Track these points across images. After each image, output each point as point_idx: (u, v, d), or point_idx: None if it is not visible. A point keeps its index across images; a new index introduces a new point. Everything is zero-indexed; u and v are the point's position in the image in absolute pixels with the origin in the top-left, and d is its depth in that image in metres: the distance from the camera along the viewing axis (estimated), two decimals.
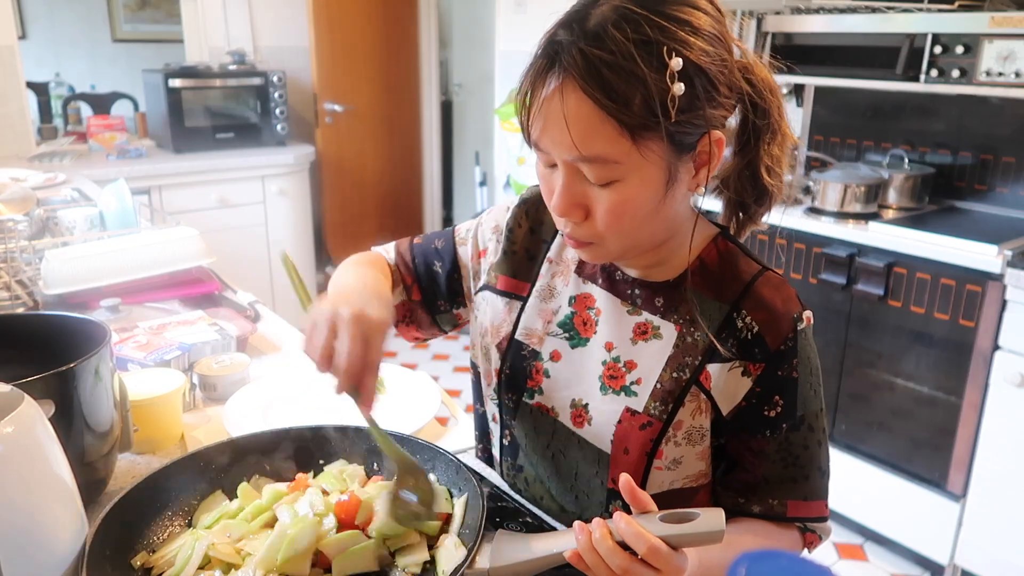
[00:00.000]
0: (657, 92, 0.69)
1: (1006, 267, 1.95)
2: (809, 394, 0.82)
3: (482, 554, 0.72)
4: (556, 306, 0.92)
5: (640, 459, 0.85)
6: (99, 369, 0.85)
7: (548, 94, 0.72)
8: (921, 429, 2.21)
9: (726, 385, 0.82)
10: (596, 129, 0.70)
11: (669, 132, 0.71)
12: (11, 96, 3.30)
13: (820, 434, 0.83)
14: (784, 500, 0.82)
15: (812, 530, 0.85)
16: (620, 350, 0.86)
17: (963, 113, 2.49)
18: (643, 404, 0.84)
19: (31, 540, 0.65)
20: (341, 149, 4.16)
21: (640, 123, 0.70)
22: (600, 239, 0.79)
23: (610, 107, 0.69)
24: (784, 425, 0.82)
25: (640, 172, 0.73)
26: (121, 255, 1.56)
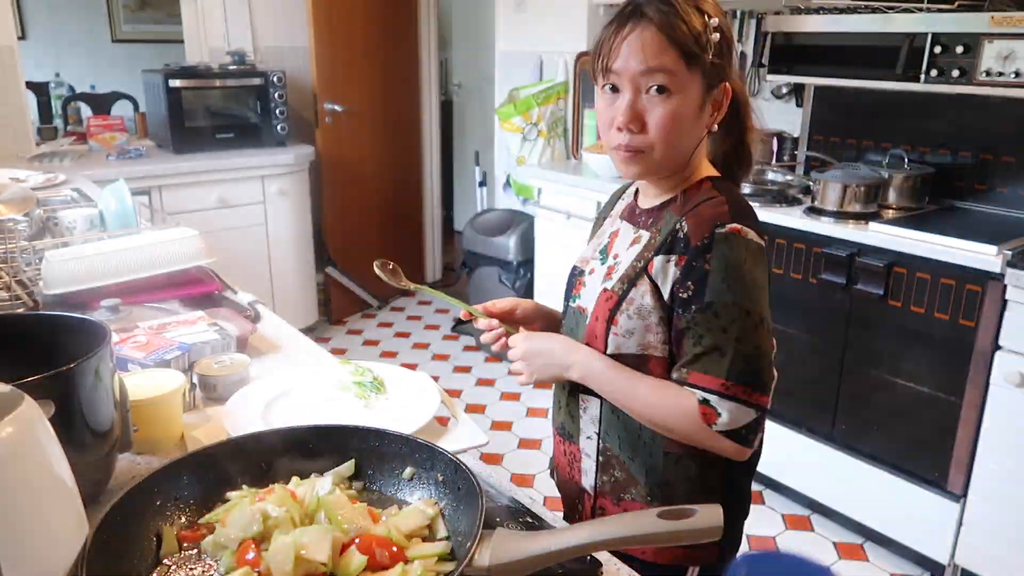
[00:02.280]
0: (702, 36, 1.00)
1: (1006, 267, 1.95)
2: (720, 286, 0.98)
3: (482, 553, 0.72)
4: (600, 240, 1.20)
5: (604, 324, 1.08)
6: (99, 369, 0.85)
7: (630, 32, 1.01)
8: (921, 429, 2.21)
9: (662, 272, 1.04)
10: (663, 50, 1.00)
11: (705, 67, 1.01)
12: (11, 96, 3.30)
13: (728, 323, 0.98)
14: (689, 370, 1.00)
15: (707, 403, 0.98)
16: (619, 254, 1.13)
17: (963, 113, 2.49)
18: (612, 284, 1.09)
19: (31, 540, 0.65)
20: (341, 149, 4.16)
21: (691, 52, 1.00)
22: (650, 147, 1.04)
23: (673, 38, 0.99)
24: (693, 306, 1.00)
25: (686, 90, 1.01)
26: (121, 255, 1.56)
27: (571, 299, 1.20)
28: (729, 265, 0.99)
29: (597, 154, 3.07)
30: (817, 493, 2.52)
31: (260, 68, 3.78)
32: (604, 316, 1.08)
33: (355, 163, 4.24)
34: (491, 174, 4.39)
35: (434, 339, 4.08)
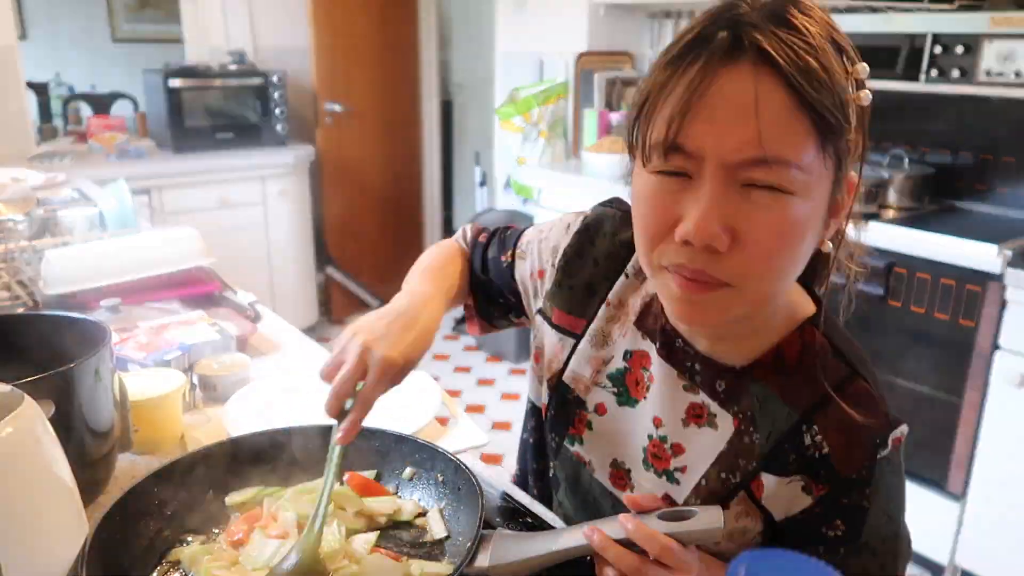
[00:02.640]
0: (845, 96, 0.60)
1: (1006, 267, 1.95)
2: (881, 521, 0.71)
3: (482, 553, 0.72)
4: (608, 355, 0.83)
5: None
6: (99, 369, 0.85)
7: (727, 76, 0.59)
8: (921, 429, 2.21)
9: (780, 496, 0.72)
10: (787, 123, 0.58)
11: (840, 150, 0.61)
12: (11, 96, 3.30)
13: (887, 559, 0.73)
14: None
15: None
16: (669, 428, 0.77)
17: (963, 113, 2.49)
18: (683, 497, 0.76)
19: (31, 540, 0.66)
20: (341, 149, 4.15)
21: (830, 127, 0.59)
22: (741, 280, 0.63)
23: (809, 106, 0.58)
24: (842, 549, 0.72)
25: (814, 190, 0.61)
26: (121, 255, 1.56)
27: (565, 439, 0.87)
28: (892, 495, 0.72)
29: (597, 154, 3.07)
30: None
31: (260, 68, 3.78)
32: None
33: (355, 163, 4.24)
34: (491, 174, 4.39)
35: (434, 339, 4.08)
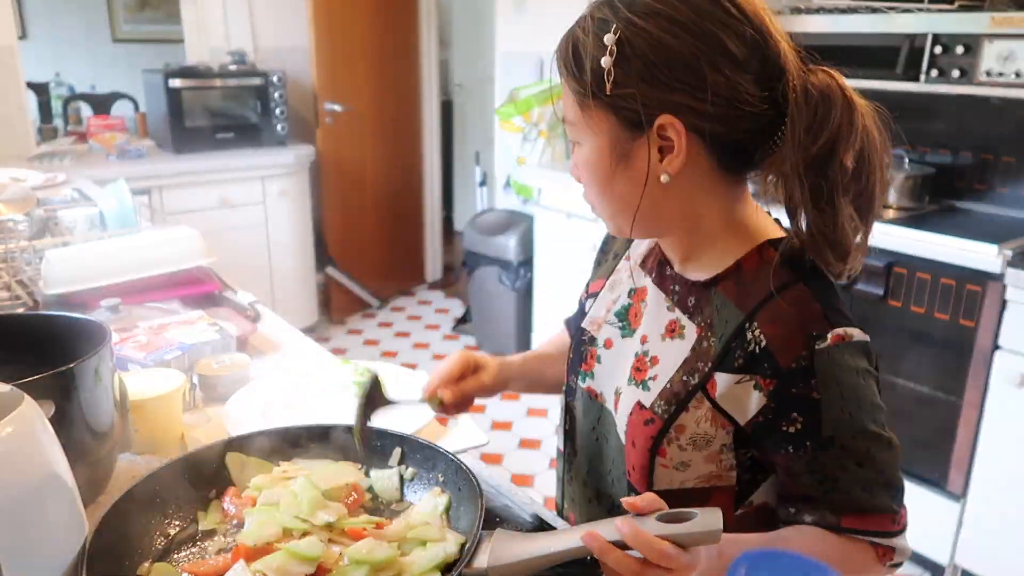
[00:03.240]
0: (591, 65, 0.79)
1: (1006, 267, 1.95)
2: (841, 416, 0.77)
3: (480, 554, 0.72)
4: (617, 295, 0.96)
5: (644, 454, 0.85)
6: (99, 369, 0.85)
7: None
8: (921, 429, 2.21)
9: (735, 397, 0.80)
10: (565, 92, 0.85)
11: (606, 102, 0.79)
12: (11, 96, 3.30)
13: (862, 455, 0.78)
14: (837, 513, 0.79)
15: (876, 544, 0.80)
16: (651, 344, 0.88)
17: (963, 113, 2.49)
18: (651, 400, 0.85)
19: (31, 540, 0.66)
20: (341, 149, 4.15)
21: (582, 90, 0.80)
22: (589, 201, 0.88)
23: (564, 75, 0.83)
24: (808, 443, 0.78)
25: (589, 135, 0.82)
26: (121, 255, 1.56)
27: (579, 376, 0.97)
28: (844, 386, 0.77)
29: None
30: None
31: (260, 68, 3.78)
32: (645, 444, 0.85)
33: (355, 163, 4.24)
34: (491, 174, 4.39)
35: (434, 339, 4.08)
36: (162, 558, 0.77)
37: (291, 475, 0.85)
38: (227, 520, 0.82)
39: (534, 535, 0.75)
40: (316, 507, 0.78)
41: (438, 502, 0.83)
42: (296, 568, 0.70)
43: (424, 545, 0.75)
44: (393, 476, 0.88)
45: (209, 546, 0.79)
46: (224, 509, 0.83)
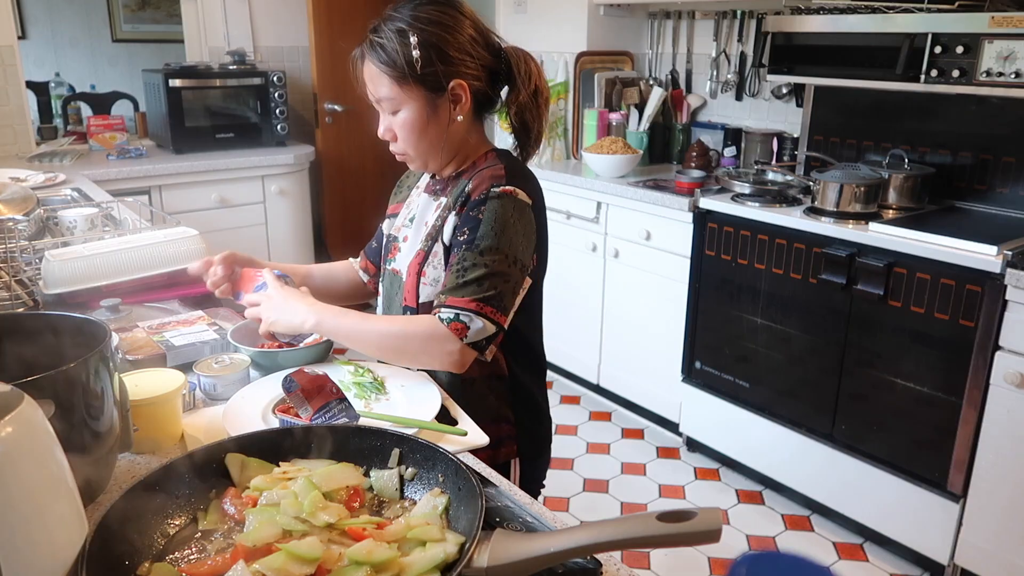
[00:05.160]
0: (405, 56, 1.22)
1: (1006, 267, 1.95)
2: (488, 232, 1.22)
3: (480, 553, 0.72)
4: (411, 211, 1.42)
5: (414, 278, 1.32)
6: (99, 369, 0.85)
7: (361, 66, 1.28)
8: (921, 429, 2.21)
9: (449, 223, 1.29)
10: (379, 80, 1.25)
11: (417, 78, 1.23)
12: (11, 96, 3.30)
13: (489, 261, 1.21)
14: (447, 296, 1.21)
15: (460, 320, 1.19)
16: (428, 221, 1.35)
17: (963, 113, 2.49)
18: (420, 243, 1.33)
19: (31, 540, 0.66)
20: (341, 149, 4.15)
21: (399, 74, 1.23)
22: (405, 151, 1.31)
23: (381, 67, 1.24)
24: (464, 246, 1.23)
25: (409, 104, 1.25)
26: (121, 255, 1.56)
27: (387, 262, 1.44)
28: (498, 217, 1.22)
29: (597, 154, 3.07)
30: (817, 493, 2.52)
31: (260, 68, 3.78)
32: (415, 271, 1.32)
33: (355, 163, 4.24)
34: None
35: None
36: (162, 558, 0.77)
37: (291, 476, 0.85)
38: (227, 520, 0.82)
39: (534, 535, 0.75)
40: (316, 508, 0.78)
41: (438, 502, 0.83)
42: (296, 569, 0.70)
43: (424, 545, 0.75)
44: (393, 476, 0.88)
45: (209, 546, 0.79)
46: (224, 510, 0.83)
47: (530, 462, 1.41)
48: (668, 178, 3.05)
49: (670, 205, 2.76)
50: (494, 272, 1.21)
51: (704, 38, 3.38)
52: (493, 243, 1.21)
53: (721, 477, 2.84)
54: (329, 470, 0.86)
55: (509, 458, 1.38)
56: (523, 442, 1.38)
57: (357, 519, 0.79)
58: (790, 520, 2.58)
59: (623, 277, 3.06)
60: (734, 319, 2.65)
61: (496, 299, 1.21)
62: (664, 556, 2.37)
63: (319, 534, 0.75)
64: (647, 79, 3.56)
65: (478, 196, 1.24)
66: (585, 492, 2.73)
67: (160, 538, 0.79)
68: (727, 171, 2.94)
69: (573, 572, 0.80)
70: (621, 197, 2.96)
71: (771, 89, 3.16)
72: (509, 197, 1.24)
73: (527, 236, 1.26)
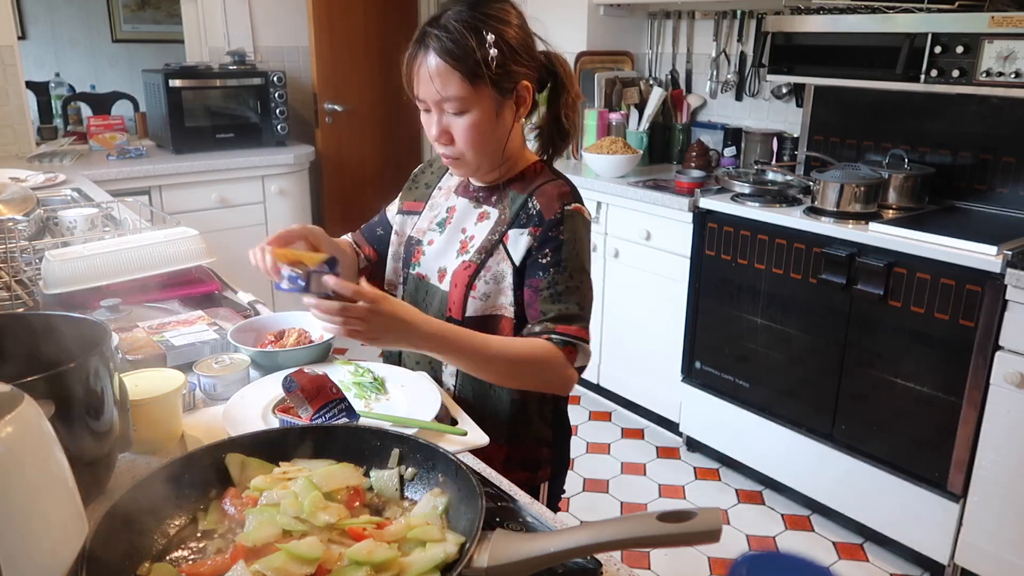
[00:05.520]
0: (481, 55, 1.14)
1: (1006, 267, 1.95)
2: (572, 253, 1.21)
3: (480, 553, 0.72)
4: (436, 213, 1.37)
5: (462, 290, 1.26)
6: (99, 369, 0.85)
7: (421, 62, 1.17)
8: (921, 429, 2.21)
9: (517, 242, 1.23)
10: (448, 78, 1.15)
11: (491, 79, 1.16)
12: (11, 96, 3.30)
13: (579, 282, 1.21)
14: (555, 324, 1.18)
15: (571, 344, 1.18)
16: (469, 231, 1.30)
17: (963, 113, 2.49)
18: (471, 255, 1.27)
19: (31, 540, 0.65)
20: (341, 149, 4.15)
21: (473, 72, 1.15)
22: (461, 155, 1.22)
23: (453, 64, 1.14)
24: (552, 269, 1.20)
25: (478, 105, 1.17)
26: (121, 255, 1.56)
27: (410, 267, 1.38)
28: (576, 236, 1.22)
29: (597, 154, 3.07)
30: (817, 493, 2.52)
31: (260, 68, 3.78)
32: (464, 283, 1.26)
33: (355, 163, 4.24)
34: None
35: None
36: (161, 558, 0.77)
37: (291, 476, 0.85)
38: (227, 520, 0.82)
39: (534, 535, 0.75)
40: (317, 508, 0.78)
41: (438, 502, 0.83)
42: (296, 569, 0.70)
43: (424, 546, 0.75)
44: (393, 476, 0.88)
45: (209, 546, 0.79)
46: (224, 510, 0.83)
47: (557, 478, 1.41)
48: (668, 178, 3.05)
49: (670, 205, 2.76)
50: (584, 295, 1.21)
51: (704, 38, 3.38)
52: (578, 264, 1.21)
53: (721, 477, 2.84)
54: (329, 470, 0.86)
55: (546, 480, 1.37)
56: (555, 462, 1.38)
57: (357, 519, 0.79)
58: (790, 520, 2.58)
59: (623, 277, 3.06)
60: (734, 319, 2.65)
61: (588, 319, 1.22)
62: (664, 556, 2.37)
63: (319, 534, 0.75)
64: (647, 79, 3.56)
65: (553, 216, 1.21)
66: (585, 492, 2.73)
67: (160, 538, 0.79)
68: (727, 171, 2.94)
69: (573, 572, 0.80)
70: (621, 197, 2.96)
71: (771, 89, 3.16)
72: (580, 216, 1.24)
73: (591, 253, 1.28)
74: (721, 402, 2.75)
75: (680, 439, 3.03)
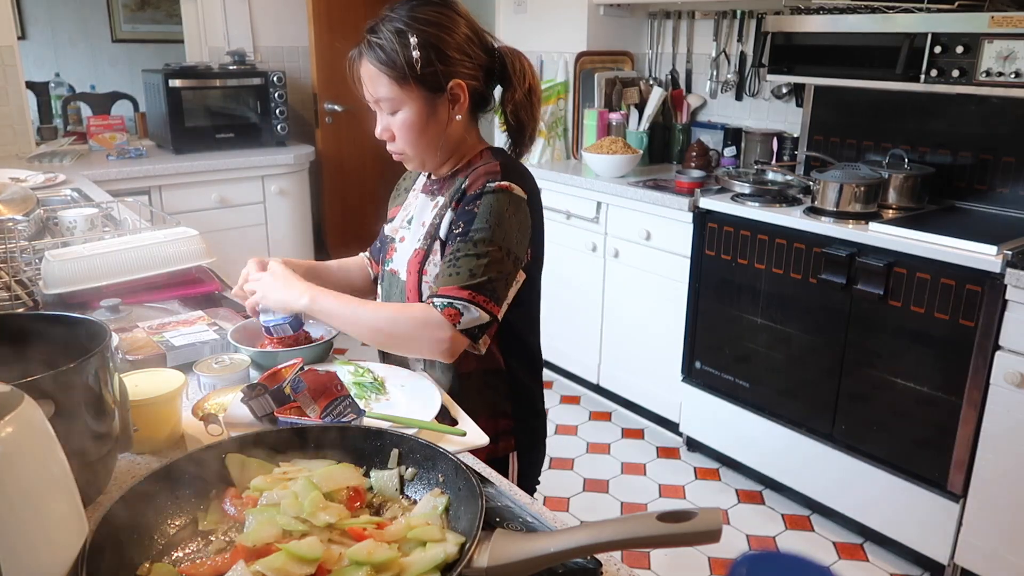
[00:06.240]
0: (405, 57, 1.22)
1: (1006, 267, 1.95)
2: (483, 225, 1.23)
3: (480, 553, 0.72)
4: (408, 213, 1.44)
5: (415, 276, 1.33)
6: (99, 369, 0.85)
7: (358, 66, 1.28)
8: (921, 429, 2.21)
9: (447, 219, 1.30)
10: (377, 80, 1.25)
11: (417, 78, 1.23)
12: (11, 96, 3.30)
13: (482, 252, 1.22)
14: (440, 285, 1.23)
15: (452, 306, 1.20)
16: (426, 221, 1.36)
17: (963, 113, 2.49)
18: (419, 243, 1.34)
19: (31, 540, 0.65)
20: (341, 149, 4.15)
21: (400, 75, 1.23)
22: (403, 150, 1.31)
23: (380, 67, 1.24)
24: (459, 238, 1.25)
25: (408, 104, 1.26)
26: (121, 255, 1.56)
27: (384, 263, 1.46)
28: (493, 211, 1.24)
29: (597, 154, 3.07)
30: (817, 493, 2.52)
31: (260, 68, 3.78)
32: (416, 269, 1.33)
33: (355, 163, 4.24)
34: None
35: None
36: (161, 558, 0.77)
37: (291, 476, 0.85)
38: (227, 520, 0.82)
39: (534, 535, 0.75)
40: (317, 508, 0.78)
41: (438, 502, 0.83)
42: (296, 569, 0.70)
43: (424, 546, 0.75)
44: (393, 477, 0.88)
45: (209, 546, 0.79)
46: (224, 510, 0.83)
47: (527, 455, 1.43)
48: (668, 178, 3.05)
49: (670, 205, 2.76)
50: (487, 263, 1.22)
51: (704, 38, 3.38)
52: (487, 235, 1.23)
53: (721, 477, 2.84)
54: (329, 470, 0.86)
55: (508, 452, 1.39)
56: (520, 435, 1.40)
57: (357, 519, 0.79)
58: (790, 520, 2.58)
59: (623, 277, 3.06)
60: (734, 319, 2.65)
61: (488, 288, 1.22)
62: (664, 556, 2.37)
63: (319, 534, 0.75)
64: (647, 79, 3.56)
65: (473, 192, 1.26)
66: (585, 492, 2.73)
67: (160, 538, 0.79)
68: (727, 171, 2.94)
69: (573, 572, 0.80)
70: (621, 197, 2.96)
71: (771, 89, 3.16)
72: (504, 192, 1.26)
73: (522, 230, 1.28)
74: (721, 402, 2.75)
75: (680, 439, 3.03)
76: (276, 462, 0.89)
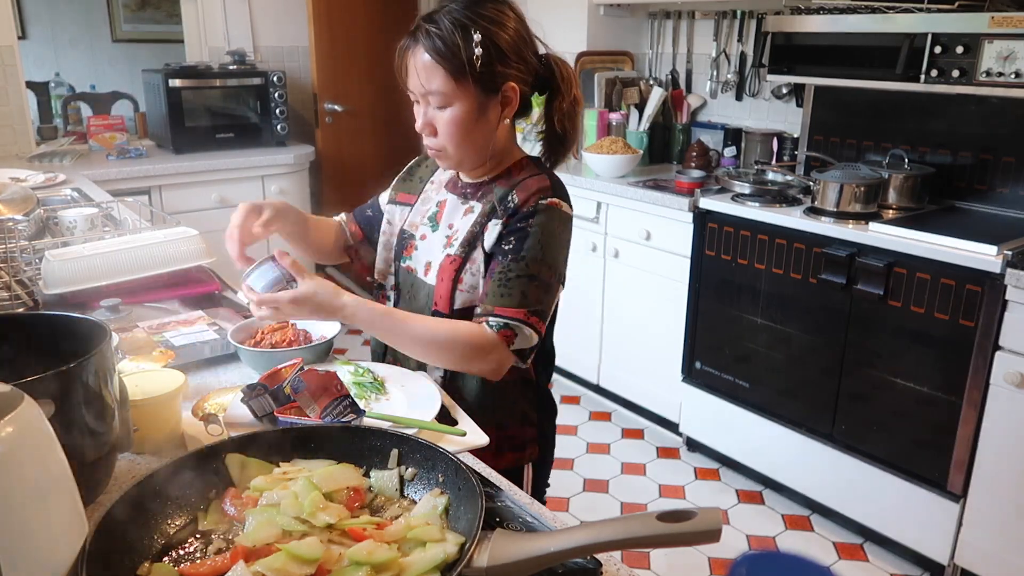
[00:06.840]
0: (467, 54, 1.17)
1: (1006, 267, 1.95)
2: (536, 245, 1.22)
3: (480, 553, 0.72)
4: (427, 207, 1.40)
5: (448, 284, 1.28)
6: (99, 369, 0.85)
7: (411, 55, 1.21)
8: (921, 429, 2.21)
9: (492, 232, 1.26)
10: (433, 73, 1.19)
11: (475, 78, 1.19)
12: (11, 96, 3.30)
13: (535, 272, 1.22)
14: (495, 305, 1.21)
15: (508, 326, 1.20)
16: (455, 226, 1.33)
17: (963, 113, 2.49)
18: (455, 249, 1.29)
19: (31, 540, 0.66)
20: (341, 149, 4.15)
21: (457, 70, 1.18)
22: (443, 148, 1.26)
23: (438, 60, 1.18)
24: (510, 256, 1.23)
25: (460, 101, 1.21)
26: (121, 255, 1.56)
27: (400, 259, 1.42)
28: (546, 231, 1.24)
29: (597, 154, 3.07)
30: (817, 493, 2.52)
31: (260, 68, 3.77)
32: (450, 277, 1.29)
33: (355, 163, 4.24)
34: None
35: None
36: (161, 558, 0.77)
37: (291, 476, 0.85)
38: (227, 520, 0.82)
39: (534, 535, 0.75)
40: (317, 508, 0.78)
41: (438, 502, 0.83)
42: (296, 569, 0.70)
43: (424, 546, 0.75)
44: (393, 477, 0.88)
45: (209, 546, 0.79)
46: (224, 510, 0.83)
47: (542, 462, 1.44)
48: (668, 178, 3.05)
49: (670, 205, 2.76)
50: (539, 284, 1.22)
51: (704, 38, 3.38)
52: (539, 255, 1.22)
53: (721, 477, 2.84)
54: (329, 470, 0.86)
55: (532, 459, 1.40)
56: (541, 442, 1.41)
57: (357, 519, 0.79)
58: (790, 520, 2.58)
59: (623, 277, 3.05)
60: (734, 319, 2.65)
61: (541, 311, 1.22)
62: (664, 556, 2.37)
63: (319, 534, 0.75)
64: (647, 79, 3.56)
65: (527, 209, 1.24)
66: (585, 492, 2.73)
67: (160, 538, 0.79)
68: (727, 171, 2.94)
69: (573, 572, 0.80)
70: (621, 197, 2.96)
71: (771, 89, 3.16)
72: (556, 210, 1.25)
73: (566, 248, 1.28)
74: (721, 402, 2.75)
75: (680, 439, 3.03)
76: (276, 462, 0.89)
